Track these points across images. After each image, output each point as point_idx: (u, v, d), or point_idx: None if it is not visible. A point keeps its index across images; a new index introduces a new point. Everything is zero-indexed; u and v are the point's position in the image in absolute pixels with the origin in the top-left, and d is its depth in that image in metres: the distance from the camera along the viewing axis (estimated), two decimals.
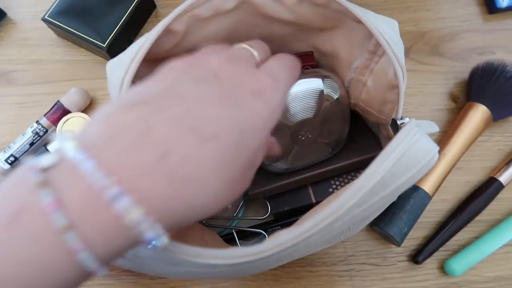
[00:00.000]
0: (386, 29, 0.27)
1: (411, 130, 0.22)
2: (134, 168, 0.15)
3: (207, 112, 0.17)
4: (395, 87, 0.28)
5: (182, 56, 0.23)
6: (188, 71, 0.19)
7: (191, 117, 0.17)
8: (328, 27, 0.30)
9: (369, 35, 0.29)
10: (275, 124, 0.20)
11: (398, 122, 0.28)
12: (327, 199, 0.28)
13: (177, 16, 0.26)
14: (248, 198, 0.39)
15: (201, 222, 0.37)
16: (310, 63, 0.33)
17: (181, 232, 0.31)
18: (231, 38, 0.31)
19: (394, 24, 0.29)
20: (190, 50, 0.31)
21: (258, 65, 0.22)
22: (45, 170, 0.15)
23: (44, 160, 0.15)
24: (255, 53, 0.22)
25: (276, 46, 0.34)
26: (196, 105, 0.17)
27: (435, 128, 0.30)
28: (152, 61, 0.28)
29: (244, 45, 0.22)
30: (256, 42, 0.23)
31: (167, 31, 0.26)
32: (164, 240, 0.16)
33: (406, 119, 0.28)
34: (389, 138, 0.33)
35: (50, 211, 0.14)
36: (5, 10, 0.49)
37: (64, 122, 0.33)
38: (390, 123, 0.30)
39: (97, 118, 0.17)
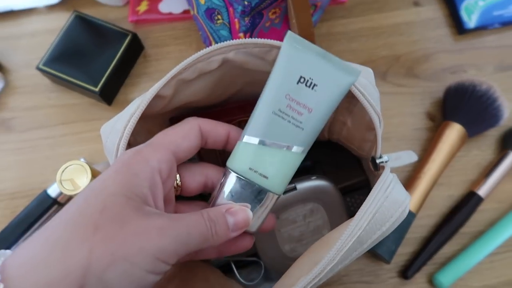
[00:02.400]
0: (361, 80, 0.29)
1: (384, 184, 0.24)
2: None
3: None
4: (373, 129, 0.31)
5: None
6: None
7: None
8: None
9: None
10: None
11: (377, 161, 0.30)
12: (307, 252, 0.30)
13: (166, 83, 0.28)
14: None
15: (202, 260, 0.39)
16: None
17: (184, 277, 0.33)
18: (214, 88, 0.33)
19: (369, 72, 0.31)
20: (177, 108, 0.33)
21: None
22: None
23: None
24: None
25: (259, 88, 0.36)
26: None
27: (414, 158, 0.32)
28: (143, 118, 0.30)
29: None
30: None
31: (156, 97, 0.28)
32: None
33: (385, 158, 0.30)
34: (370, 170, 0.35)
35: None
36: (1, 59, 0.52)
37: (63, 171, 0.35)
38: (370, 159, 0.32)
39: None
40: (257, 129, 0.26)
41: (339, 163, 0.42)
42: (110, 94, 0.49)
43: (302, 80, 0.25)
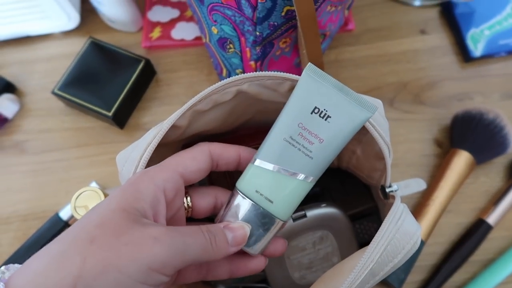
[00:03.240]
0: None
1: (395, 216, 0.25)
2: None
3: None
4: (382, 158, 0.31)
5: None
6: None
7: None
8: None
9: None
10: None
11: (387, 190, 0.30)
12: (318, 282, 0.30)
13: (182, 114, 0.29)
14: None
15: (207, 283, 0.39)
16: None
17: None
18: (227, 118, 0.34)
19: (379, 103, 0.32)
20: (191, 136, 0.34)
21: None
22: None
23: None
24: None
25: (271, 116, 0.37)
26: None
27: (423, 186, 0.32)
28: (157, 146, 0.31)
29: None
30: None
31: (172, 127, 0.29)
32: None
33: (394, 187, 0.30)
34: (379, 198, 0.35)
35: None
36: (17, 83, 0.53)
37: (77, 197, 0.36)
38: (379, 188, 0.32)
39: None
40: (268, 154, 0.27)
41: (348, 189, 0.42)
42: (122, 118, 0.50)
43: (316, 110, 0.26)
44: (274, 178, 0.26)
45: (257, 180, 0.26)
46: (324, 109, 0.26)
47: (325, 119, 0.26)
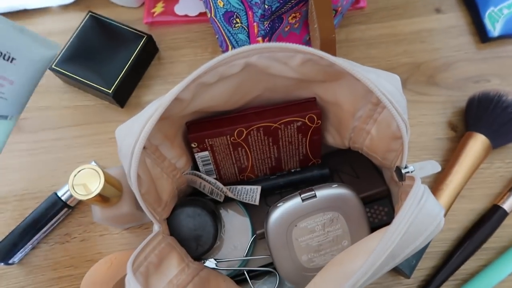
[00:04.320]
0: (387, 86, 0.28)
1: (417, 196, 0.23)
2: None
3: None
4: (398, 138, 0.29)
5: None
6: None
7: None
8: (330, 79, 0.31)
9: (371, 90, 0.30)
10: None
11: (403, 171, 0.29)
12: (332, 263, 0.29)
13: (186, 86, 0.27)
14: (256, 237, 0.40)
15: (199, 259, 0.38)
16: (313, 111, 0.34)
17: (197, 284, 0.31)
18: (234, 94, 0.32)
19: (396, 79, 0.30)
20: (194, 112, 0.32)
21: None
22: None
23: None
24: None
25: (279, 94, 0.35)
26: None
27: (438, 168, 0.31)
28: (160, 121, 0.29)
29: None
30: None
31: (175, 100, 0.27)
32: None
33: (411, 168, 0.28)
34: (393, 180, 0.33)
35: None
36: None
37: (75, 175, 0.34)
38: (394, 169, 0.30)
39: None
40: None
41: (358, 172, 0.41)
42: (123, 97, 0.48)
43: (2, 55, 0.26)
44: None
45: None
46: (7, 52, 0.27)
47: (11, 62, 0.27)
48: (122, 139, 0.29)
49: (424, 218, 0.23)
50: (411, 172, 0.30)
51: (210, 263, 0.38)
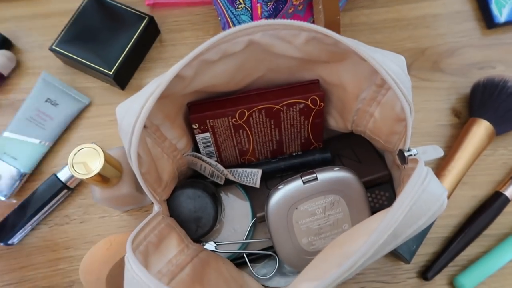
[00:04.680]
0: (392, 67, 0.27)
1: (420, 176, 0.23)
2: None
3: None
4: (402, 120, 0.29)
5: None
6: None
7: None
8: (334, 60, 0.31)
9: (376, 69, 0.30)
10: None
11: (405, 154, 0.28)
12: (332, 245, 0.29)
13: (188, 63, 0.26)
14: (256, 220, 0.40)
15: (198, 241, 0.38)
16: (316, 93, 0.34)
17: (197, 267, 0.31)
18: (236, 73, 0.31)
19: (401, 60, 0.29)
20: (196, 91, 0.32)
21: None
22: None
23: None
24: None
25: (282, 75, 0.34)
26: None
27: (440, 153, 0.30)
28: (161, 99, 0.29)
29: None
30: None
31: (176, 77, 0.27)
32: None
33: (414, 151, 0.28)
34: (394, 164, 0.33)
35: None
36: (14, 40, 0.51)
37: (75, 154, 0.34)
38: (397, 152, 0.30)
39: None
40: (14, 128, 0.45)
41: (360, 157, 0.40)
42: (124, 78, 0.48)
43: (48, 100, 0.45)
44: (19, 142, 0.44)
45: (4, 146, 0.44)
46: (55, 99, 0.46)
47: (55, 106, 0.45)
48: (122, 117, 0.28)
49: (427, 198, 0.23)
50: (414, 155, 0.29)
51: (210, 245, 0.38)
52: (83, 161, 0.34)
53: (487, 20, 0.47)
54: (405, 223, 0.22)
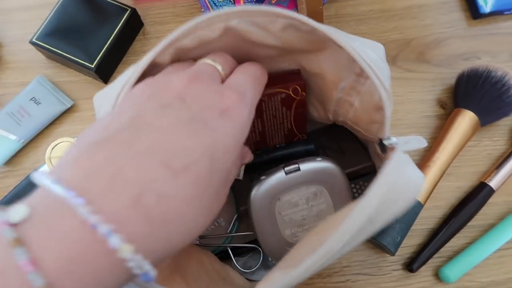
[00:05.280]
0: (370, 55, 0.27)
1: (397, 161, 0.22)
2: (114, 212, 0.15)
3: (175, 142, 0.17)
4: (381, 108, 0.29)
5: (145, 79, 0.23)
6: (152, 98, 0.19)
7: (160, 150, 0.16)
8: (314, 49, 0.30)
9: (353, 57, 0.30)
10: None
11: (385, 143, 0.28)
12: (310, 234, 0.28)
13: (162, 49, 0.26)
14: (241, 213, 0.39)
15: (195, 242, 0.37)
16: (297, 82, 0.33)
17: (178, 257, 0.31)
18: None
19: (380, 48, 0.29)
20: None
21: (223, 79, 0.22)
22: (17, 225, 0.14)
23: (15, 214, 0.15)
24: (219, 67, 0.22)
25: (262, 65, 0.34)
26: (163, 136, 0.17)
27: (423, 143, 0.30)
28: None
29: (207, 60, 0.22)
30: (220, 56, 0.23)
31: (152, 64, 0.26)
32: (152, 275, 0.16)
33: (393, 140, 0.28)
34: (377, 154, 0.33)
35: (26, 271, 0.13)
36: None
37: (53, 148, 0.33)
38: (377, 142, 0.30)
39: (66, 161, 0.16)
40: None
41: (344, 148, 0.40)
42: (106, 72, 0.47)
43: (33, 98, 0.46)
44: None
45: None
46: (39, 98, 0.45)
47: (37, 104, 0.45)
48: (99, 106, 0.28)
49: (404, 182, 0.22)
50: (394, 143, 0.29)
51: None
52: (60, 155, 0.33)
53: (473, 10, 0.47)
54: (381, 207, 0.22)
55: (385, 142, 0.28)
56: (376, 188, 0.22)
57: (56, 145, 0.34)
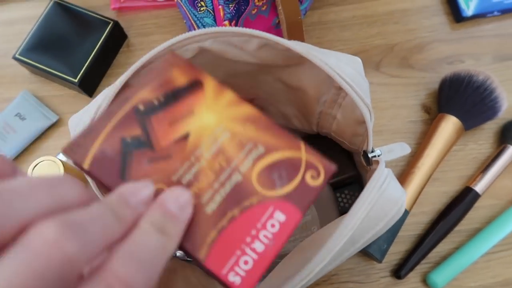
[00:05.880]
0: (348, 70, 0.27)
1: (378, 180, 0.22)
2: None
3: None
4: (363, 122, 0.29)
5: None
6: None
7: None
8: (293, 63, 0.30)
9: (330, 76, 0.29)
10: None
11: (369, 155, 0.28)
12: (296, 250, 0.28)
13: (135, 72, 0.26)
14: None
15: (181, 258, 0.37)
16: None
17: (163, 276, 0.31)
18: None
19: (358, 62, 0.29)
20: None
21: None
22: None
23: None
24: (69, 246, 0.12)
25: (242, 80, 0.34)
26: None
27: (407, 150, 0.30)
28: None
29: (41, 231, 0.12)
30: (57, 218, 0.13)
31: (125, 86, 0.26)
32: None
33: (377, 152, 0.28)
34: (362, 165, 0.33)
35: None
36: None
37: (34, 166, 0.33)
38: (362, 154, 0.30)
39: None
40: None
41: (329, 157, 0.40)
42: (90, 85, 0.47)
43: (18, 114, 0.45)
44: None
45: None
46: (24, 114, 0.45)
47: (22, 120, 0.45)
48: (74, 129, 0.28)
49: (385, 202, 0.22)
50: (378, 156, 0.29)
51: (178, 252, 0.37)
52: (42, 173, 0.33)
53: (455, 14, 0.47)
54: (363, 229, 0.22)
55: (369, 155, 0.29)
56: (357, 209, 0.22)
57: (37, 164, 0.34)
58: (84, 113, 0.27)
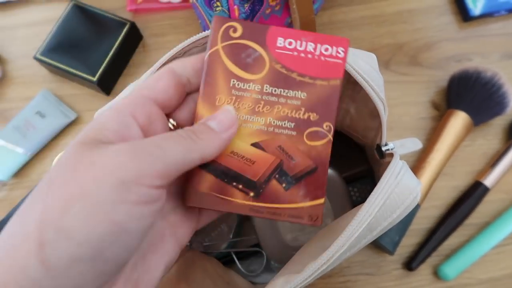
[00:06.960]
0: (364, 66, 0.28)
1: (395, 170, 0.24)
2: None
3: None
4: (377, 116, 0.30)
5: None
6: None
7: None
8: None
9: (347, 70, 0.31)
10: None
11: (383, 149, 0.29)
12: (313, 240, 0.29)
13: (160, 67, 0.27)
14: (242, 218, 0.41)
15: (199, 249, 0.38)
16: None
17: (182, 266, 0.32)
18: None
19: (373, 58, 0.30)
20: None
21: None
22: None
23: None
24: None
25: None
26: None
27: (419, 145, 0.31)
28: None
29: None
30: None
31: None
32: None
33: (391, 145, 0.29)
34: (375, 158, 0.34)
35: None
36: None
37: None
38: (375, 147, 0.31)
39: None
40: (3, 135, 0.47)
41: (341, 151, 0.41)
42: (108, 84, 0.49)
43: (38, 112, 0.47)
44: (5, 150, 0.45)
45: None
46: (44, 112, 0.47)
47: (42, 117, 0.47)
48: None
49: (401, 191, 0.23)
50: (391, 149, 0.30)
51: (196, 245, 0.39)
52: None
53: (463, 13, 0.48)
54: (380, 217, 0.23)
55: (383, 149, 0.30)
56: (375, 197, 0.23)
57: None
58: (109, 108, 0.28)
